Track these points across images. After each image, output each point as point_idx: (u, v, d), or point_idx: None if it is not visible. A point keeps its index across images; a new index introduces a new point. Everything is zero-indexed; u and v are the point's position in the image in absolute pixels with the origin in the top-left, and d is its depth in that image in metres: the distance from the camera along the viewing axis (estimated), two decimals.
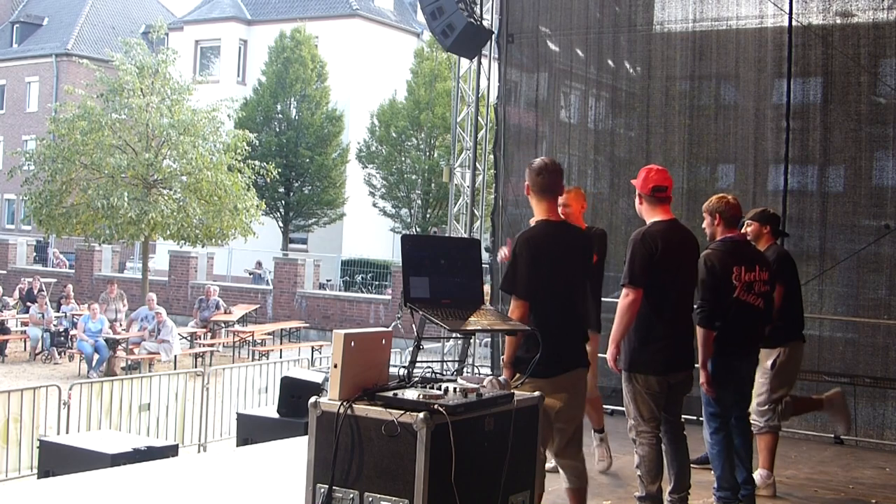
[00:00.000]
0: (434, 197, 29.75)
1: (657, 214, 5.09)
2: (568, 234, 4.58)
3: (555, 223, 4.51)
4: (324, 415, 3.36)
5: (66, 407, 9.36)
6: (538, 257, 4.35)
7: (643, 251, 4.91)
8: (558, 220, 4.54)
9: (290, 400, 7.46)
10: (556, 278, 4.42)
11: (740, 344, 5.44)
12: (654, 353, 4.98)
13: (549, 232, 4.46)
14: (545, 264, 4.37)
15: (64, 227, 20.87)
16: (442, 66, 29.27)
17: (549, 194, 4.51)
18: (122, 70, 21.22)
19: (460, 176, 11.30)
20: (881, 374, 8.17)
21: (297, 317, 23.44)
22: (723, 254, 5.40)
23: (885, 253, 8.22)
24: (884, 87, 8.28)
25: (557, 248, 4.45)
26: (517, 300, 4.33)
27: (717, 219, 5.52)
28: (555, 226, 4.50)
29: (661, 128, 9.27)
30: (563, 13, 9.83)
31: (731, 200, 5.61)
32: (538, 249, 4.37)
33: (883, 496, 6.36)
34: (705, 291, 5.34)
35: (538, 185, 4.50)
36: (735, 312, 5.36)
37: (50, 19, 47.15)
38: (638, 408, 5.03)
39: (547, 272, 4.37)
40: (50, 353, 18.59)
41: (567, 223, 4.65)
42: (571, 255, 4.53)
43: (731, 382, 5.45)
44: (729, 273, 5.34)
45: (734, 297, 5.35)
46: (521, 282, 4.33)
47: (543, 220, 4.50)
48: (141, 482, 5.59)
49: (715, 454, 5.49)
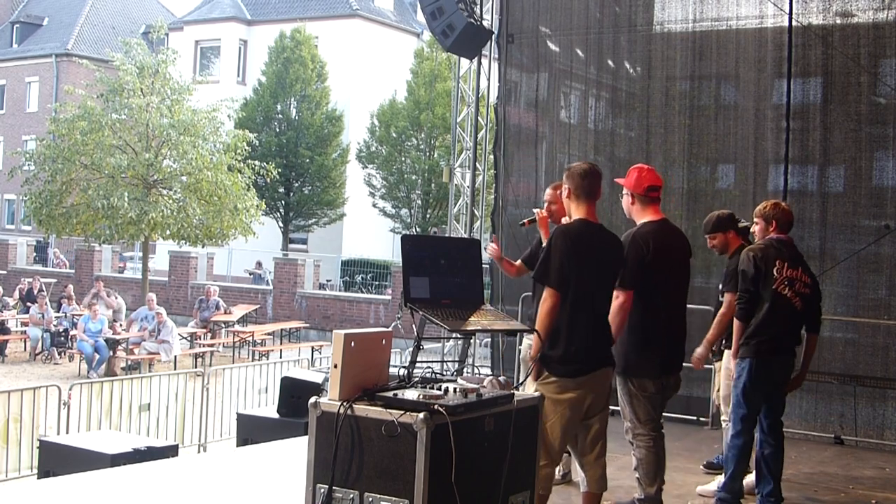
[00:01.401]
0: (434, 197, 29.75)
1: (648, 214, 5.06)
2: (605, 236, 4.60)
3: (593, 224, 4.53)
4: (324, 415, 3.36)
5: (66, 407, 9.35)
6: (572, 251, 4.35)
7: (634, 253, 4.87)
8: (596, 223, 4.56)
9: (290, 400, 7.46)
10: (585, 276, 4.40)
11: (775, 343, 5.36)
12: (650, 355, 4.95)
13: (587, 231, 4.48)
14: (578, 259, 4.37)
15: (64, 227, 20.87)
16: (442, 66, 29.26)
17: (592, 198, 4.54)
18: (122, 70, 21.22)
19: (460, 176, 11.30)
20: (881, 374, 8.17)
21: (297, 317, 23.44)
22: (767, 247, 5.39)
23: (885, 253, 8.22)
24: (884, 87, 8.28)
25: (592, 247, 4.45)
26: (549, 290, 4.33)
27: (774, 225, 5.51)
28: (593, 226, 4.52)
29: (661, 128, 9.27)
30: (563, 13, 9.83)
31: (786, 207, 5.61)
32: (574, 244, 4.37)
33: (883, 496, 6.36)
34: (747, 282, 5.32)
35: (583, 188, 4.51)
36: (772, 306, 5.30)
37: (50, 19, 47.15)
38: (634, 410, 5.01)
39: (578, 268, 4.36)
40: (50, 353, 18.58)
41: (603, 227, 4.64)
42: (604, 256, 4.54)
43: (764, 384, 5.37)
44: (772, 266, 5.31)
45: (773, 289, 5.30)
46: (554, 272, 4.33)
47: (582, 220, 4.51)
48: (141, 482, 5.58)
49: (730, 456, 5.43)
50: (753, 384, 5.33)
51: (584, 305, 4.39)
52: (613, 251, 4.63)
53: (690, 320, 5.46)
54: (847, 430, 8.22)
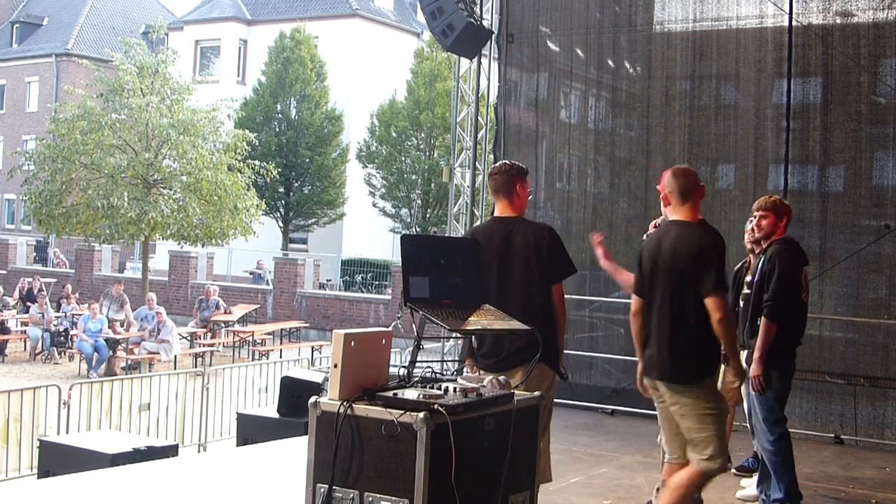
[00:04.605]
0: (434, 197, 29.74)
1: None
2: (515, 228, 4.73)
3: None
4: (324, 415, 3.36)
5: (66, 407, 9.35)
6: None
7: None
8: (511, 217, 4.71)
9: (290, 400, 7.45)
10: None
11: (795, 346, 5.40)
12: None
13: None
14: None
15: (64, 227, 20.87)
16: (442, 66, 29.25)
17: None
18: (122, 70, 21.23)
19: (460, 176, 11.29)
20: (881, 374, 8.17)
21: (297, 317, 23.43)
22: (794, 253, 5.31)
23: (885, 253, 8.22)
24: (884, 87, 8.29)
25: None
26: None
27: (785, 220, 5.47)
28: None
29: (661, 128, 9.27)
30: (563, 13, 9.83)
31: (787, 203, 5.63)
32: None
33: (883, 496, 6.36)
34: (787, 284, 5.18)
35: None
36: (797, 313, 5.31)
37: (50, 19, 47.13)
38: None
39: None
40: (50, 353, 18.58)
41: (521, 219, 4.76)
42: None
43: (789, 386, 5.38)
44: (800, 273, 5.28)
45: (800, 297, 5.28)
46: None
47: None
48: (141, 482, 5.58)
49: (780, 463, 5.25)
50: (785, 387, 5.31)
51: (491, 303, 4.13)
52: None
53: None
54: (847, 429, 8.22)
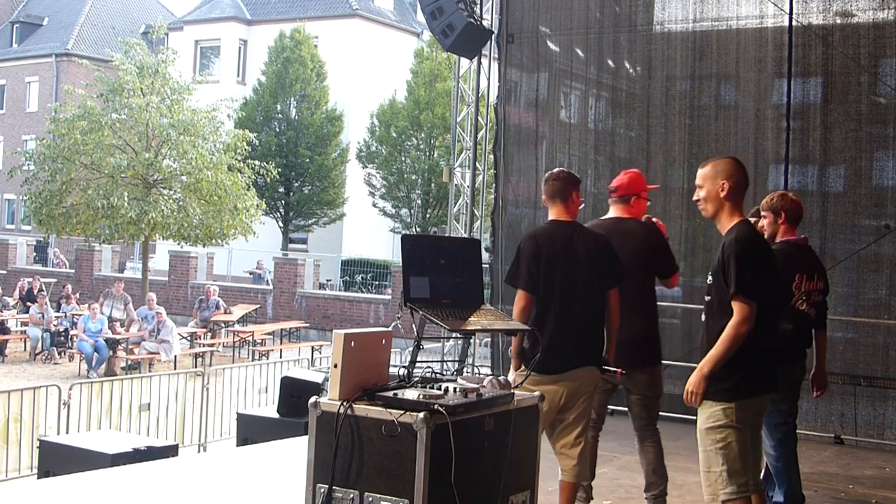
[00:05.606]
0: (434, 197, 29.74)
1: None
2: (581, 235, 4.78)
3: (563, 223, 4.72)
4: (324, 415, 3.36)
5: (66, 407, 9.36)
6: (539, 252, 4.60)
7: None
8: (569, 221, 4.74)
9: (290, 400, 7.46)
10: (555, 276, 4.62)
11: (799, 351, 5.23)
12: None
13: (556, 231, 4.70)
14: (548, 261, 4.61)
15: (64, 227, 20.87)
16: (442, 66, 29.24)
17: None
18: (122, 70, 21.22)
19: (460, 176, 11.30)
20: (881, 374, 8.17)
21: (297, 317, 23.43)
22: (786, 257, 4.91)
23: (885, 253, 8.22)
24: (884, 87, 8.28)
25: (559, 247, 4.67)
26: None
27: (783, 217, 5.16)
28: (563, 225, 4.69)
29: (661, 128, 9.27)
30: (563, 13, 9.83)
31: (794, 197, 5.24)
32: (541, 246, 4.65)
33: (883, 496, 6.36)
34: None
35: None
36: (787, 320, 4.96)
37: (50, 19, 47.12)
38: None
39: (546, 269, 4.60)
40: (50, 353, 18.57)
41: (579, 225, 4.80)
42: (580, 256, 4.76)
43: (797, 392, 5.26)
44: (790, 280, 5.00)
45: (792, 305, 5.03)
46: (522, 274, 4.60)
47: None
48: (141, 482, 5.59)
49: (781, 468, 5.15)
50: (788, 394, 5.19)
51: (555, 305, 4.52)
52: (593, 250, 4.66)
53: (692, 320, 5.44)
54: (847, 429, 8.21)
